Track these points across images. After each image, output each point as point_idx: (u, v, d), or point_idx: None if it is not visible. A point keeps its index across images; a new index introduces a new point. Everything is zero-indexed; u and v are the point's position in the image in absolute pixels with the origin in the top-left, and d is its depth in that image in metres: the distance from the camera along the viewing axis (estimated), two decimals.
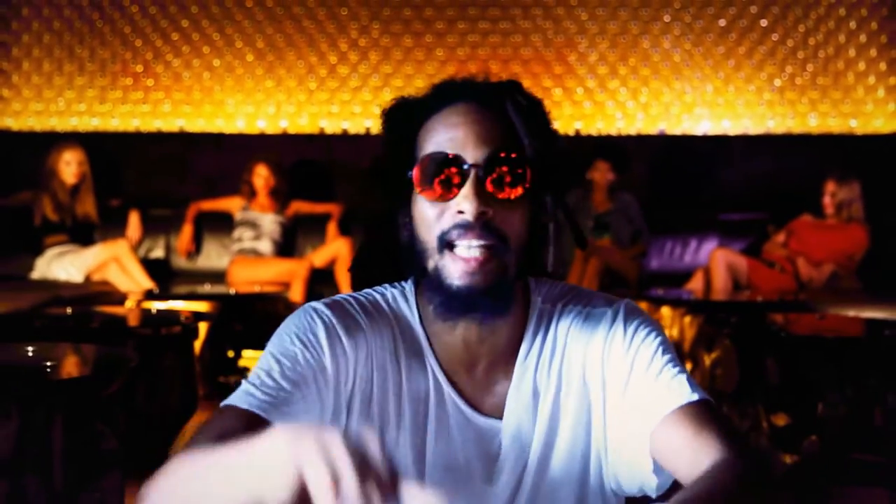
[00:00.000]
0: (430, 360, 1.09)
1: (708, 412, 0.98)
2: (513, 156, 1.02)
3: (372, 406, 1.07)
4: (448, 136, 1.04)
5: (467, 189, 1.00)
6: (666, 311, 4.10)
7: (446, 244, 1.02)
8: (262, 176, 5.18)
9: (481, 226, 1.00)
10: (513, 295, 1.06)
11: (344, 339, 1.05)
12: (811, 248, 4.87)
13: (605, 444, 1.08)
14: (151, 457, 2.90)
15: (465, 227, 1.00)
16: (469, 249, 1.01)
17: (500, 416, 1.09)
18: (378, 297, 1.12)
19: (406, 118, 1.09)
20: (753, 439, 2.88)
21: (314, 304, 1.09)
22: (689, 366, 3.48)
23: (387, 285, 1.15)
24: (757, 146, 5.70)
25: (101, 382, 2.06)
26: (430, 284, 1.05)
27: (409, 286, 1.14)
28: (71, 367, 2.14)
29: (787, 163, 5.61)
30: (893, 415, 2.16)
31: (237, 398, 0.98)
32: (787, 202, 5.25)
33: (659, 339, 1.06)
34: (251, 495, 0.70)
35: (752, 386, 3.04)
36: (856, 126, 5.76)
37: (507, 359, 1.10)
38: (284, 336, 1.05)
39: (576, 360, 1.09)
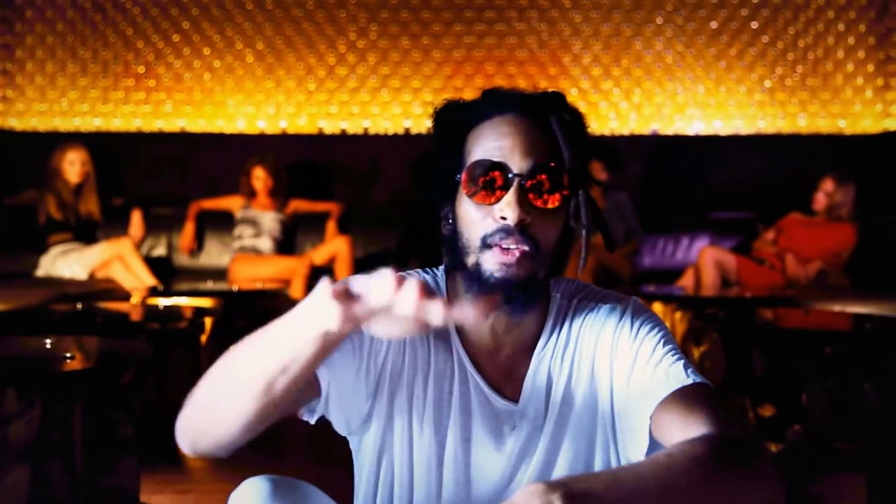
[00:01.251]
0: (456, 344, 1.20)
1: (700, 394, 1.07)
2: (553, 168, 1.11)
3: (402, 379, 1.19)
4: (496, 144, 1.13)
5: (510, 197, 1.10)
6: (657, 306, 4.21)
7: (487, 245, 1.11)
8: (259, 178, 5.28)
9: (520, 231, 1.10)
10: (540, 293, 1.17)
11: None
12: (800, 246, 4.97)
13: (613, 429, 1.17)
14: (160, 448, 3.01)
15: (506, 232, 1.10)
16: (508, 248, 1.10)
17: (516, 400, 1.19)
18: (420, 276, 1.23)
19: (457, 121, 1.18)
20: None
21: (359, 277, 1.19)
22: None
23: (419, 270, 1.25)
24: (748, 146, 5.81)
25: (117, 373, 2.16)
26: (468, 277, 1.14)
27: (440, 273, 1.24)
28: (88, 358, 2.24)
29: (778, 162, 5.72)
30: (871, 404, 2.27)
31: None
32: (776, 201, 5.36)
33: (661, 332, 1.17)
34: (284, 356, 0.90)
35: (739, 378, 3.15)
36: (844, 126, 5.88)
37: (527, 348, 1.21)
38: None
39: (587, 351, 1.20)
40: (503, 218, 1.10)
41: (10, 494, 1.94)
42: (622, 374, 1.15)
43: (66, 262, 4.93)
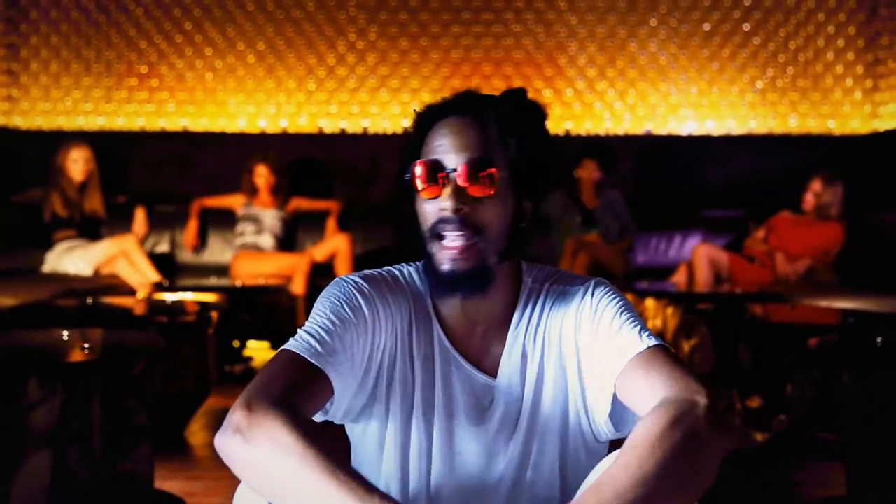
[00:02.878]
0: (437, 327, 1.31)
1: (656, 357, 1.17)
2: (485, 160, 1.22)
3: (395, 365, 1.29)
4: (437, 143, 1.25)
5: (448, 189, 1.22)
6: (650, 302, 4.31)
7: (436, 235, 1.24)
8: (262, 175, 5.38)
9: (459, 220, 1.21)
10: (494, 275, 1.26)
11: (380, 308, 1.27)
12: (790, 244, 5.08)
13: (584, 398, 1.28)
14: (169, 437, 3.12)
15: (446, 222, 1.22)
16: (452, 241, 1.22)
17: (494, 375, 1.31)
18: (397, 273, 1.34)
19: (417, 128, 1.30)
20: (728, 419, 3.10)
21: (353, 276, 1.30)
22: None
23: (404, 264, 1.36)
24: (739, 146, 5.92)
25: (133, 363, 2.27)
26: (427, 267, 1.27)
27: (421, 265, 1.35)
28: (105, 349, 2.34)
29: (769, 162, 5.84)
30: (850, 395, 2.38)
31: (297, 346, 1.17)
32: (767, 199, 5.47)
33: (620, 303, 1.27)
34: None
35: (727, 370, 3.27)
36: (834, 127, 5.99)
37: (501, 327, 1.32)
38: (335, 301, 1.24)
39: (555, 329, 1.31)
40: (443, 209, 1.22)
41: (34, 477, 2.04)
42: (587, 346, 1.26)
43: (72, 259, 5.02)
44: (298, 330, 1.21)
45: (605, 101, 6.01)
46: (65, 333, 2.42)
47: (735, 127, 6.00)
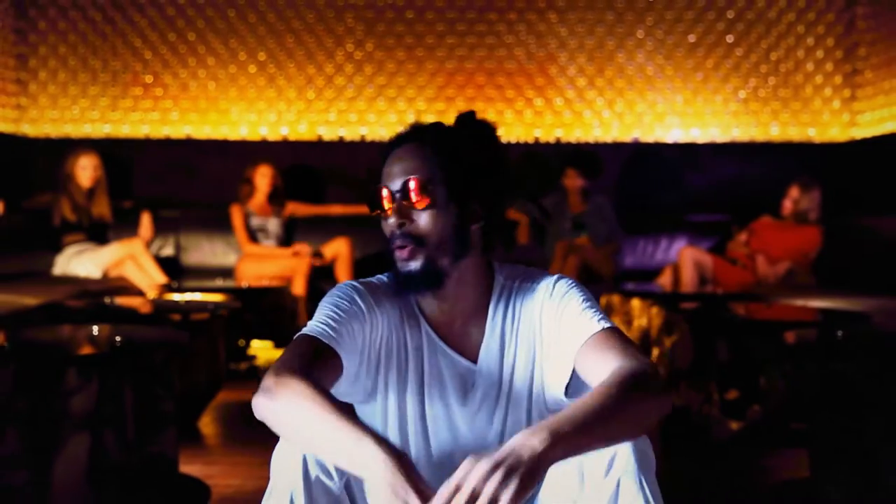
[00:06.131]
0: (423, 323, 1.53)
1: (611, 337, 1.39)
2: (422, 179, 1.43)
3: (392, 354, 1.52)
4: (387, 171, 1.48)
5: (392, 209, 1.45)
6: (636, 302, 4.53)
7: (392, 248, 1.47)
8: (265, 175, 5.55)
9: (402, 234, 1.44)
10: (446, 274, 1.47)
11: (375, 307, 1.50)
12: (770, 247, 5.29)
13: (547, 375, 1.50)
14: (183, 428, 3.31)
15: (395, 236, 1.45)
16: (400, 249, 1.45)
17: (475, 361, 1.53)
18: (385, 279, 1.56)
19: (380, 159, 1.53)
20: (705, 409, 3.32)
21: (352, 281, 1.53)
22: (655, 351, 3.92)
23: (388, 273, 1.57)
24: (723, 153, 6.15)
25: (159, 355, 2.47)
26: (394, 272, 1.49)
27: None
28: (134, 342, 2.54)
29: (751, 168, 6.08)
30: (813, 384, 2.58)
31: (311, 331, 1.40)
32: (749, 204, 5.69)
33: (580, 293, 1.49)
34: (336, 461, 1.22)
35: (705, 365, 3.49)
36: (814, 135, 6.24)
37: (478, 319, 1.54)
38: (337, 299, 1.47)
39: (526, 319, 1.53)
40: (391, 226, 1.45)
41: (72, 458, 2.24)
42: (551, 332, 1.48)
43: (81, 262, 5.18)
44: (308, 322, 1.43)
45: (594, 109, 6.23)
46: (95, 328, 2.63)
47: (719, 135, 6.24)
